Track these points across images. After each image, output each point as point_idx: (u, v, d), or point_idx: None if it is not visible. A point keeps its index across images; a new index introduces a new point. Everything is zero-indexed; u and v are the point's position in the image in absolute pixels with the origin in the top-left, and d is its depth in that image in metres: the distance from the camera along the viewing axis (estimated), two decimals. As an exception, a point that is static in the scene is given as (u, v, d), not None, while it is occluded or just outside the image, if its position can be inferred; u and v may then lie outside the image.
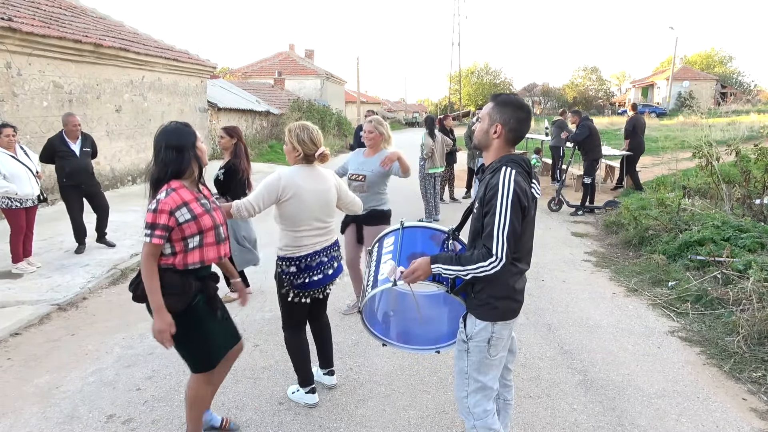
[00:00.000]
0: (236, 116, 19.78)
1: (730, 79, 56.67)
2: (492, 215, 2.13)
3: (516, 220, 2.12)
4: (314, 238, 3.11)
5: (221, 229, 2.68)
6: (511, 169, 2.17)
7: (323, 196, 3.12)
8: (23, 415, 3.28)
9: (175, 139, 2.54)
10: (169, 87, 14.14)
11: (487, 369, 2.35)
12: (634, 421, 3.21)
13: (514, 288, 2.30)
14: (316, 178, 3.13)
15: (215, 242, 2.62)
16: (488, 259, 2.11)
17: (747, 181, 7.45)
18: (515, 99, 2.31)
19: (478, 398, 2.36)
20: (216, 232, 2.62)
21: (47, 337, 4.41)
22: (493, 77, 66.80)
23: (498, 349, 2.33)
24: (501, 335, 2.32)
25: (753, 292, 4.47)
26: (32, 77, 9.26)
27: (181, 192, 2.51)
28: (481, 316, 2.30)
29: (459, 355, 2.40)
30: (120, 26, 13.38)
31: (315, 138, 3.10)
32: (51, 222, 7.98)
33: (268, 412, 3.29)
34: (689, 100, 44.55)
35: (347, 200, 3.37)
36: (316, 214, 3.09)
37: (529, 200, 2.20)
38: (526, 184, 2.20)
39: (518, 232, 2.15)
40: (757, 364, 3.81)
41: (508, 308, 2.31)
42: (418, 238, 2.52)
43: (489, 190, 2.18)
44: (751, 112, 30.49)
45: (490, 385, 2.36)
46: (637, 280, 5.76)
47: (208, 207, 2.62)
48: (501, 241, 2.10)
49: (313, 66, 37.61)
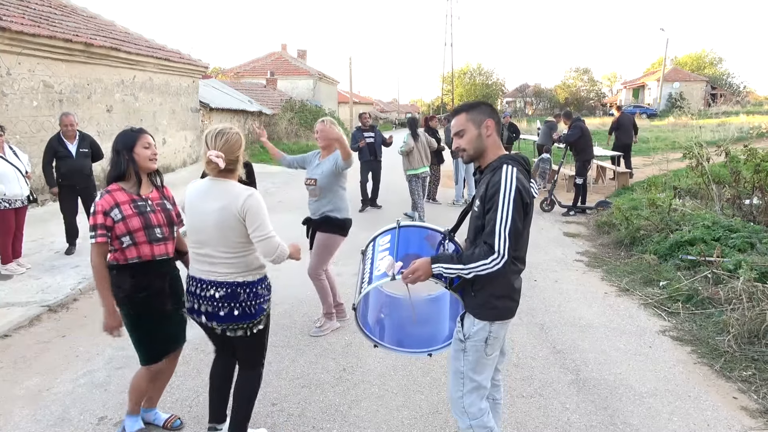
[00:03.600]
0: (228, 116, 19.71)
1: (720, 80, 57.15)
2: (494, 211, 2.12)
3: (518, 217, 2.12)
4: (200, 264, 2.65)
5: (157, 230, 2.74)
6: (513, 167, 2.17)
7: (211, 218, 2.55)
8: (13, 417, 3.25)
9: (117, 142, 2.73)
10: (161, 87, 14.06)
11: (483, 368, 2.35)
12: (626, 420, 3.23)
13: (513, 287, 2.30)
14: (213, 193, 2.59)
15: (147, 242, 2.71)
16: (490, 256, 2.10)
17: (737, 182, 7.51)
18: (471, 101, 2.43)
19: (473, 398, 2.36)
20: (147, 232, 2.70)
21: (37, 339, 4.38)
22: (485, 78, 66.91)
23: (495, 348, 2.34)
24: (498, 334, 2.32)
25: (743, 292, 4.50)
26: (22, 77, 9.17)
27: (116, 194, 2.68)
28: (480, 315, 2.29)
29: (455, 355, 2.39)
30: (111, 25, 13.29)
31: (209, 142, 2.58)
32: (41, 222, 7.91)
33: (261, 413, 3.28)
34: (680, 101, 44.92)
35: (255, 235, 2.54)
36: (199, 236, 2.61)
37: (531, 198, 2.20)
38: (526, 182, 2.20)
39: (520, 229, 2.14)
40: (747, 362, 3.84)
41: (507, 307, 2.31)
42: (413, 239, 2.51)
43: (491, 187, 2.17)
44: (740, 113, 30.80)
45: (485, 384, 2.37)
46: (629, 279, 5.79)
47: (143, 209, 2.71)
48: (503, 237, 2.09)
49: (305, 66, 37.54)
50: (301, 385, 3.63)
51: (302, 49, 41.01)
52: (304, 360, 3.98)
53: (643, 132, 25.23)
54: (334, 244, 4.39)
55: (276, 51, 39.48)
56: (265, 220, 2.56)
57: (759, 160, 7.02)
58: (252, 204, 2.53)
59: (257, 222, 2.52)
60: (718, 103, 43.26)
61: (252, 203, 2.53)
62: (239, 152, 2.63)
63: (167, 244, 2.81)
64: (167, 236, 2.80)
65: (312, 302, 5.12)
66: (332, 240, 4.35)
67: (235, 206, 2.52)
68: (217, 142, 2.56)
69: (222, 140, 2.56)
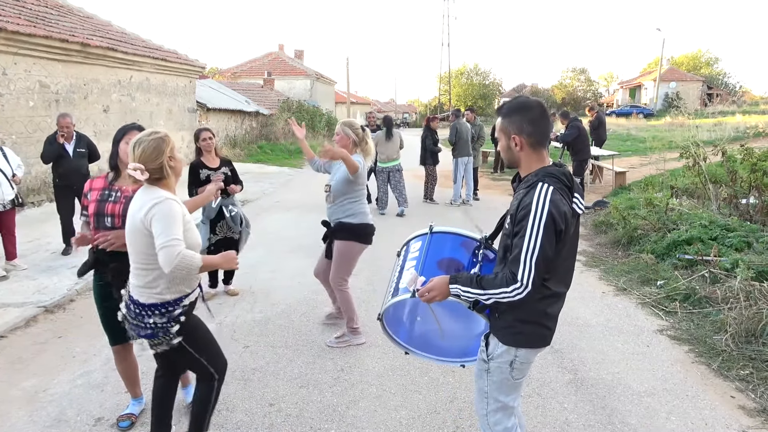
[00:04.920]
0: (226, 117, 19.69)
1: (717, 80, 57.32)
2: (521, 237, 1.93)
3: (548, 244, 1.92)
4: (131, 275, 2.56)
5: (106, 218, 2.87)
6: (548, 186, 1.95)
7: (128, 226, 2.48)
8: (10, 418, 3.23)
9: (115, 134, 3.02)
10: (158, 87, 14.02)
11: (509, 390, 2.19)
12: (624, 420, 3.23)
13: (545, 312, 2.09)
14: (135, 203, 2.49)
15: (96, 227, 2.89)
16: (512, 285, 1.93)
17: (733, 181, 7.53)
18: (519, 101, 2.12)
19: (499, 417, 2.22)
20: (96, 219, 2.88)
21: (34, 340, 4.35)
22: (482, 78, 67.00)
23: (522, 372, 2.17)
24: (526, 359, 2.14)
25: (740, 291, 4.51)
26: (18, 77, 9.14)
27: (96, 180, 3.00)
28: (503, 339, 2.12)
29: (479, 374, 2.24)
30: (107, 26, 13.25)
31: (130, 153, 2.46)
32: (38, 223, 7.88)
33: (259, 414, 3.27)
34: (676, 100, 44.98)
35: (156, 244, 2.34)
36: (129, 247, 2.52)
37: (568, 221, 1.97)
38: (565, 202, 1.98)
39: (550, 257, 1.94)
40: (744, 362, 3.85)
41: (535, 334, 2.11)
42: (447, 244, 2.36)
43: (521, 208, 1.96)
44: (736, 113, 30.88)
45: (511, 404, 2.23)
46: (626, 279, 5.80)
47: (105, 197, 2.91)
48: (528, 267, 1.91)
49: (302, 66, 37.54)
50: (299, 385, 3.62)
51: (299, 49, 41.05)
52: (301, 360, 3.98)
53: (639, 132, 25.33)
54: (352, 252, 4.15)
55: (273, 51, 39.48)
56: (169, 227, 2.34)
57: (755, 160, 7.04)
58: (157, 211, 2.36)
59: (158, 229, 2.33)
60: (714, 103, 43.38)
61: (158, 210, 2.36)
62: (162, 158, 2.45)
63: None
64: (117, 227, 2.81)
65: (310, 302, 5.11)
66: (349, 247, 4.12)
67: (140, 215, 2.39)
68: (135, 153, 2.43)
69: (139, 150, 2.42)
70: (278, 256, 6.59)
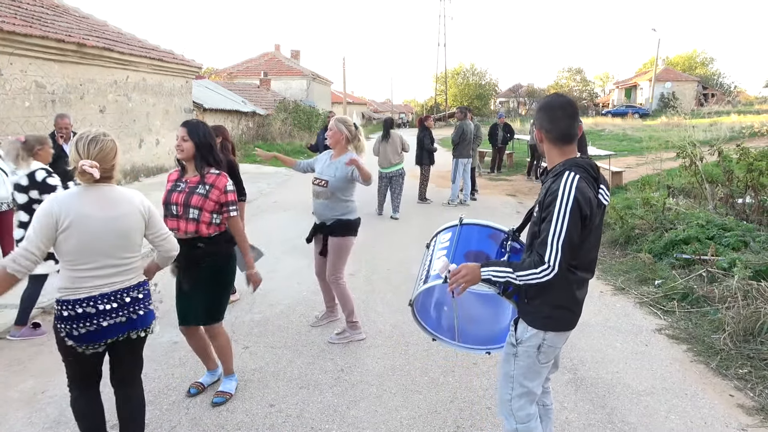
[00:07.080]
0: (222, 117, 19.64)
1: (712, 80, 57.54)
2: (549, 222, 2.03)
3: (574, 228, 2.02)
4: (99, 279, 2.45)
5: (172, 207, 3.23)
6: (575, 174, 2.07)
7: (114, 225, 2.43)
8: (8, 420, 3.22)
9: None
10: (154, 87, 13.98)
11: (534, 375, 2.27)
12: (623, 419, 3.24)
13: (573, 297, 2.20)
14: (106, 201, 2.44)
15: (164, 215, 3.10)
16: (540, 266, 2.03)
17: (730, 181, 7.57)
18: (548, 99, 2.25)
19: (522, 402, 2.30)
20: (165, 207, 3.23)
21: (31, 341, 4.34)
22: (479, 78, 67.00)
23: (549, 356, 2.26)
24: (554, 343, 2.24)
25: (738, 290, 4.54)
26: (14, 77, 9.10)
27: (172, 173, 3.40)
28: (532, 323, 2.21)
29: (506, 358, 2.33)
30: (104, 26, 13.21)
31: (81, 150, 2.39)
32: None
33: (259, 415, 3.27)
34: (672, 100, 45.10)
35: (156, 233, 2.60)
36: (105, 249, 2.43)
37: (593, 208, 2.09)
38: (591, 190, 2.09)
39: (575, 241, 2.04)
40: (743, 360, 3.87)
41: (563, 318, 2.21)
42: (474, 236, 2.47)
43: (549, 194, 2.09)
44: (732, 113, 30.98)
45: (536, 390, 2.30)
46: (624, 278, 5.82)
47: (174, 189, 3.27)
48: (555, 249, 2.01)
49: (299, 66, 37.50)
50: (299, 386, 3.62)
51: (296, 50, 40.98)
52: (301, 361, 3.97)
53: (636, 132, 25.40)
54: (349, 246, 4.29)
55: (269, 51, 39.40)
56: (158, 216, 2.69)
57: (751, 160, 7.09)
58: (150, 204, 2.60)
59: (156, 219, 2.62)
60: (710, 103, 43.54)
61: (150, 203, 2.61)
62: (115, 160, 2.48)
63: (179, 221, 3.16)
64: (179, 215, 3.16)
65: (308, 303, 5.11)
66: (348, 242, 4.26)
67: (138, 208, 2.52)
68: (91, 150, 2.38)
69: (97, 149, 2.40)
70: (276, 257, 6.57)
